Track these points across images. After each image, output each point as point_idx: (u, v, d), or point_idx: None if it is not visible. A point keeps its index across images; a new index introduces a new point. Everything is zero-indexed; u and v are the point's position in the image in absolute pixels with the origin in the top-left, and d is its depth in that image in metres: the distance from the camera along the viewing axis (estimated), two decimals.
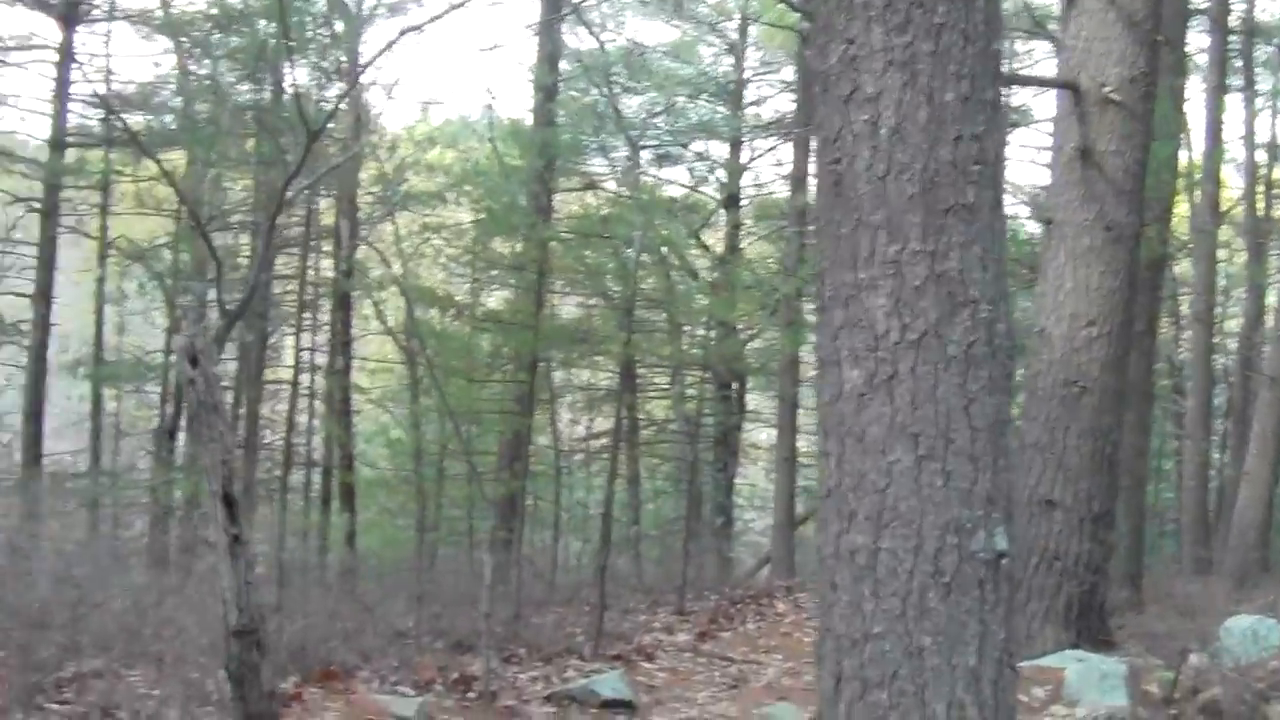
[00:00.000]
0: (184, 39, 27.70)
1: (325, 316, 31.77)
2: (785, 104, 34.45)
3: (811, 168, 30.54)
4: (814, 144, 29.77)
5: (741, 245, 32.80)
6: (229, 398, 27.92)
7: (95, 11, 29.75)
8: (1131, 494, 19.74)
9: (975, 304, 5.26)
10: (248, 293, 19.84)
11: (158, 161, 22.85)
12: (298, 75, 27.56)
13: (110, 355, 31.56)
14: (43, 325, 28.34)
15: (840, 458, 5.38)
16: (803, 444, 30.76)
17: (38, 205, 28.71)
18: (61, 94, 28.70)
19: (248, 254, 28.75)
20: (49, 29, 29.99)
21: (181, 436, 26.97)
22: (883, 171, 5.28)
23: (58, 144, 28.55)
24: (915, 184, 5.25)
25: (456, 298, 25.52)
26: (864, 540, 5.28)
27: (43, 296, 28.36)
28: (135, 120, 28.91)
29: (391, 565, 24.48)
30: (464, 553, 24.80)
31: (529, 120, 27.11)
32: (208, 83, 27.84)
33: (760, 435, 38.30)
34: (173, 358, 29.06)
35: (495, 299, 28.33)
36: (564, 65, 28.56)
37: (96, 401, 29.42)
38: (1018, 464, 12.12)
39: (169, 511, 26.89)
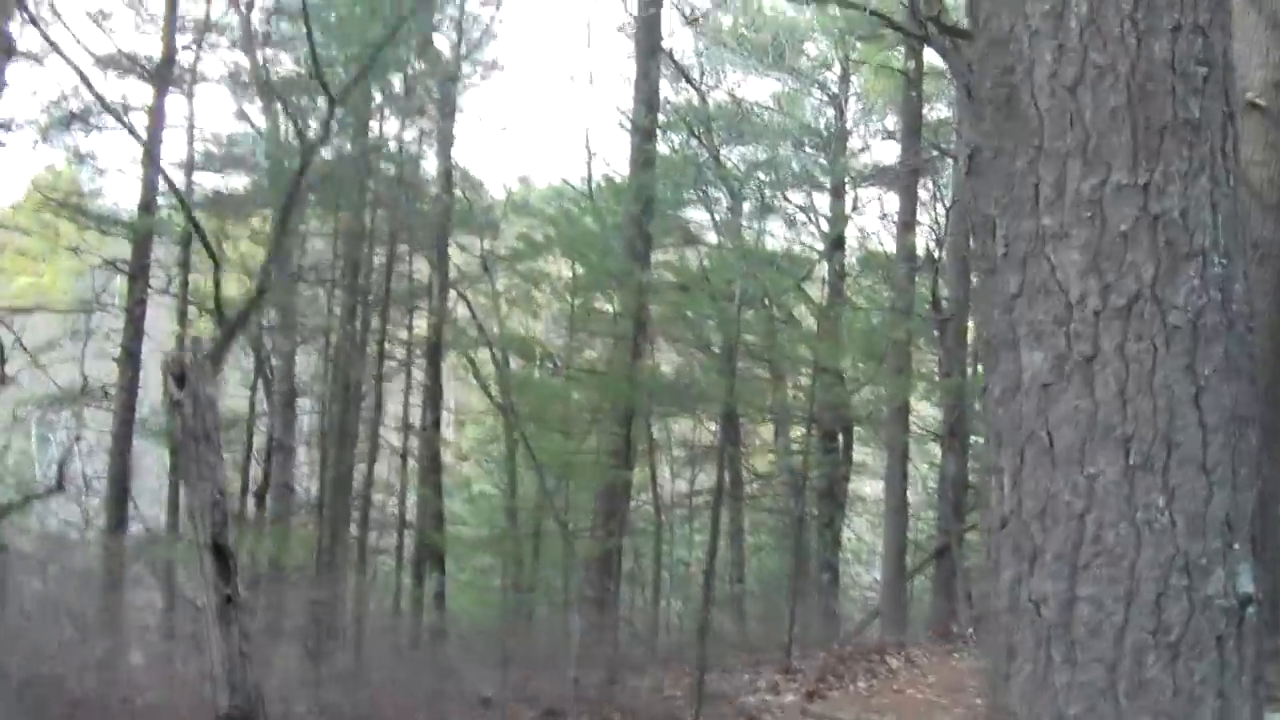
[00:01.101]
0: (274, 100, 26.47)
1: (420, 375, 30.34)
2: (887, 152, 33.94)
3: (922, 215, 29.46)
4: (929, 183, 28.74)
5: (846, 293, 31.07)
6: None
7: (185, 74, 28.68)
8: None
9: (1204, 256, 3.70)
10: (253, 296, 18.35)
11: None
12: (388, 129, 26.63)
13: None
14: (129, 388, 27.15)
15: (1018, 474, 3.83)
16: (912, 496, 29.73)
17: (124, 267, 27.52)
18: (151, 156, 27.59)
19: (328, 312, 27.44)
20: (140, 92, 28.77)
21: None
22: (1072, 79, 3.76)
23: (146, 206, 27.42)
24: (1118, 93, 3.71)
25: (552, 351, 24.24)
26: (1054, 587, 3.74)
27: (129, 359, 27.15)
28: (222, 181, 27.97)
29: (482, 628, 23.17)
30: (558, 614, 23.62)
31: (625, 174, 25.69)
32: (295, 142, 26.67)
33: (865, 488, 36.82)
34: (259, 419, 28.02)
35: (595, 353, 26.95)
36: (663, 118, 27.32)
37: (175, 465, 28.03)
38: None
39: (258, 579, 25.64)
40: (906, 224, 27.38)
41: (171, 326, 28.71)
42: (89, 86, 24.92)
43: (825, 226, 32.95)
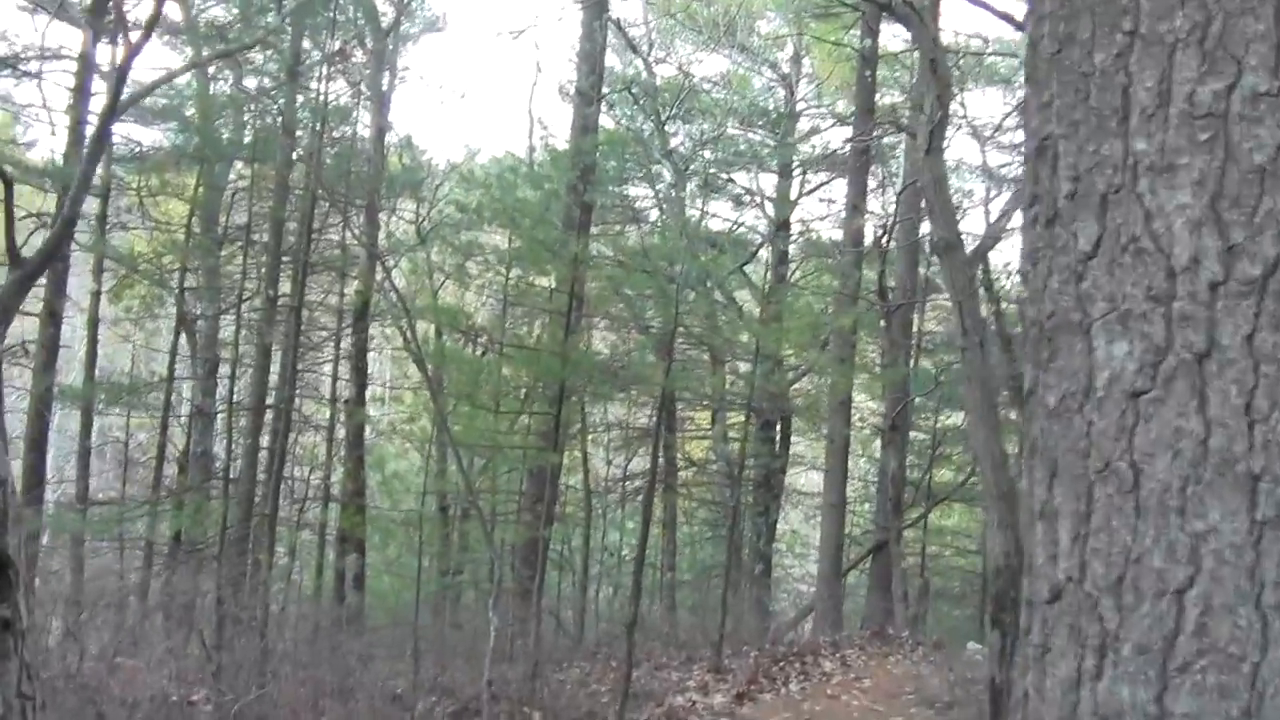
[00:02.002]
0: (205, 49, 24.96)
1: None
2: (837, 137, 32.64)
3: (871, 202, 28.37)
4: (879, 169, 27.66)
5: (789, 278, 30.13)
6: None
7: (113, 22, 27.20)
8: None
9: None
10: (54, 235, 16.87)
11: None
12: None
13: (120, 379, 29.03)
14: (50, 347, 25.69)
15: (1082, 523, 2.50)
16: (849, 490, 28.81)
17: (48, 220, 26.02)
18: (79, 105, 26.11)
19: (254, 277, 25.88)
20: (72, 38, 27.34)
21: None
22: None
23: (73, 158, 25.93)
24: None
25: (484, 326, 22.90)
26: (1134, 696, 2.39)
27: (50, 317, 25.69)
28: (152, 134, 26.63)
29: (401, 616, 21.97)
30: (482, 603, 22.48)
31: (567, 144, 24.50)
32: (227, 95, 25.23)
33: (801, 479, 35.86)
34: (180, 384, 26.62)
35: (530, 329, 25.67)
36: (608, 89, 26.11)
37: (86, 426, 26.58)
38: None
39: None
40: (855, 208, 26.24)
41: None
42: None
43: (770, 209, 32.18)
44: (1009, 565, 12.48)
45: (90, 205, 26.43)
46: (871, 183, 30.43)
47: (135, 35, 28.23)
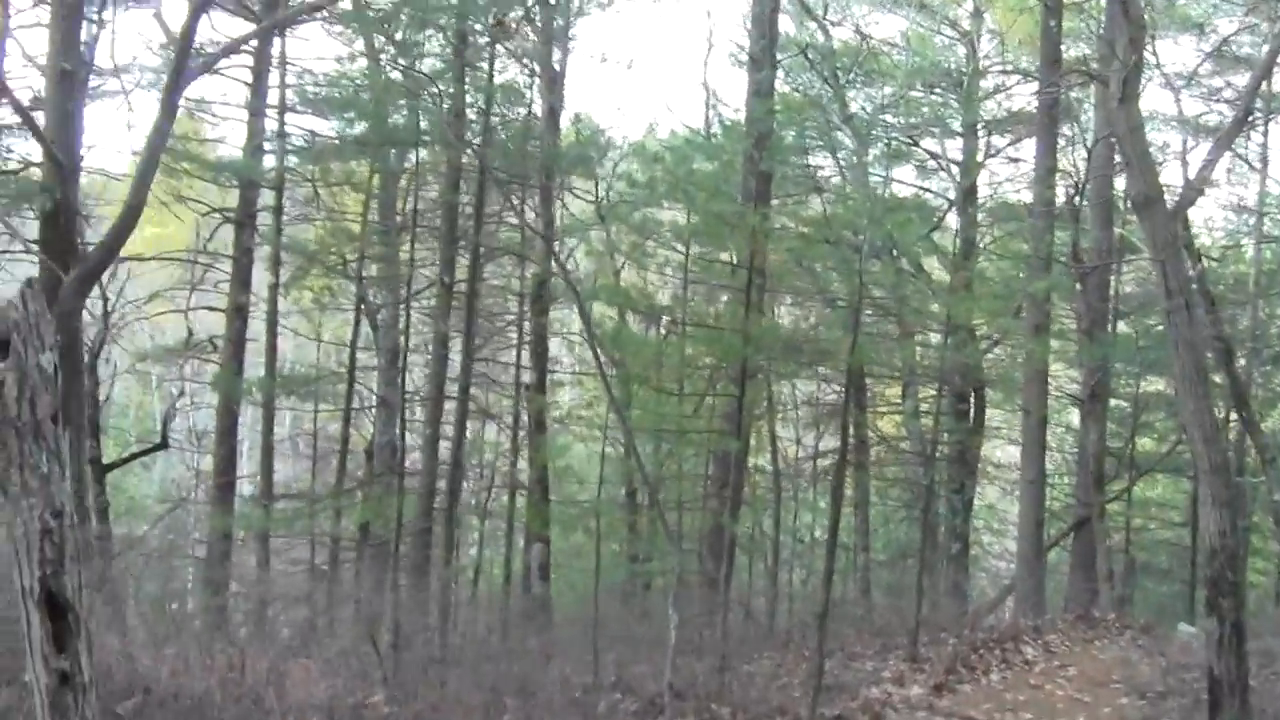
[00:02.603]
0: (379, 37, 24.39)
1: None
2: (1023, 96, 31.15)
3: (1062, 161, 26.96)
4: (1069, 127, 26.15)
5: (978, 245, 28.68)
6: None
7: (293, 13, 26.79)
8: None
9: None
10: (116, 227, 15.62)
11: None
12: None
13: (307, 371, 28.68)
14: (237, 341, 25.42)
15: None
16: (1048, 464, 26.98)
17: (231, 215, 25.69)
18: (257, 100, 25.75)
19: (435, 264, 25.22)
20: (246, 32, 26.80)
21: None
22: None
23: (253, 152, 25.56)
24: None
25: (664, 302, 22.01)
26: None
27: (236, 312, 25.36)
28: (326, 125, 26.62)
29: (585, 607, 21.22)
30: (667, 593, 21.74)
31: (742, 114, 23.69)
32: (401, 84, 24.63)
33: (996, 453, 34.57)
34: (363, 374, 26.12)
35: (711, 307, 24.69)
36: (784, 56, 24.93)
37: (269, 420, 26.14)
38: None
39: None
40: (1045, 166, 24.57)
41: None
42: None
43: (956, 173, 30.29)
44: (1225, 546, 11.74)
45: (265, 198, 26.07)
46: (1060, 141, 28.69)
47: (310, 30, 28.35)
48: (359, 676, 14.31)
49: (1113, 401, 28.13)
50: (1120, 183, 25.02)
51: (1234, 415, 24.88)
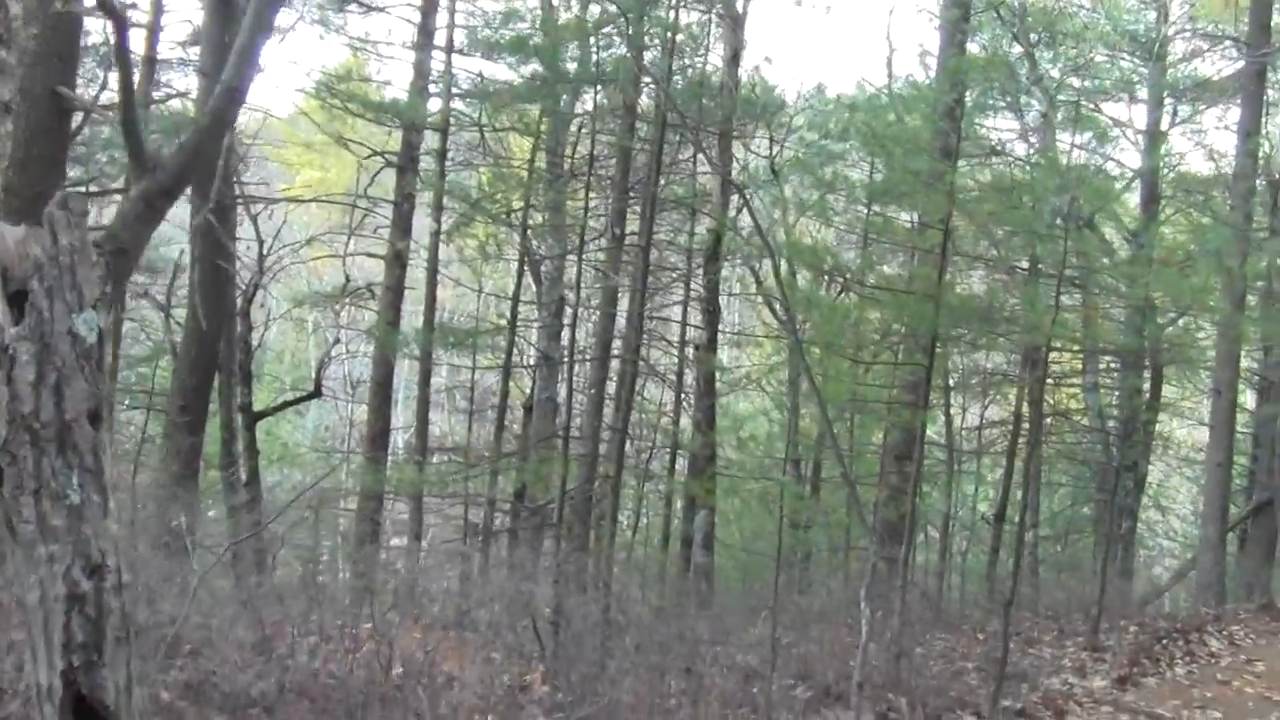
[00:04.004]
0: None
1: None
2: (1213, 64, 29.51)
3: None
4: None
5: (1162, 217, 27.24)
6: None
7: None
8: None
9: None
10: (207, 119, 10.96)
11: None
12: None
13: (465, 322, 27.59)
14: (395, 288, 24.33)
15: None
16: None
17: (394, 159, 24.56)
18: (424, 41, 24.62)
19: (605, 214, 23.81)
20: None
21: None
22: None
23: (418, 93, 24.40)
24: None
25: (845, 264, 20.55)
26: None
27: (396, 258, 24.28)
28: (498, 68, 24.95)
29: (753, 576, 20.02)
30: (835, 562, 20.42)
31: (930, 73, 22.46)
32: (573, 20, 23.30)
33: (1166, 428, 32.84)
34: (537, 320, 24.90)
35: (891, 270, 23.22)
36: (977, 13, 23.69)
37: (425, 374, 24.93)
38: None
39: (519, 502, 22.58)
40: (1249, 134, 23.02)
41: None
42: None
43: (1140, 141, 29.18)
44: None
45: (431, 141, 24.89)
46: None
47: None
48: (515, 653, 13.26)
49: None
50: None
51: None
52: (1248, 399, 28.24)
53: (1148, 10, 29.64)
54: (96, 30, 20.20)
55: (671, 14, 20.29)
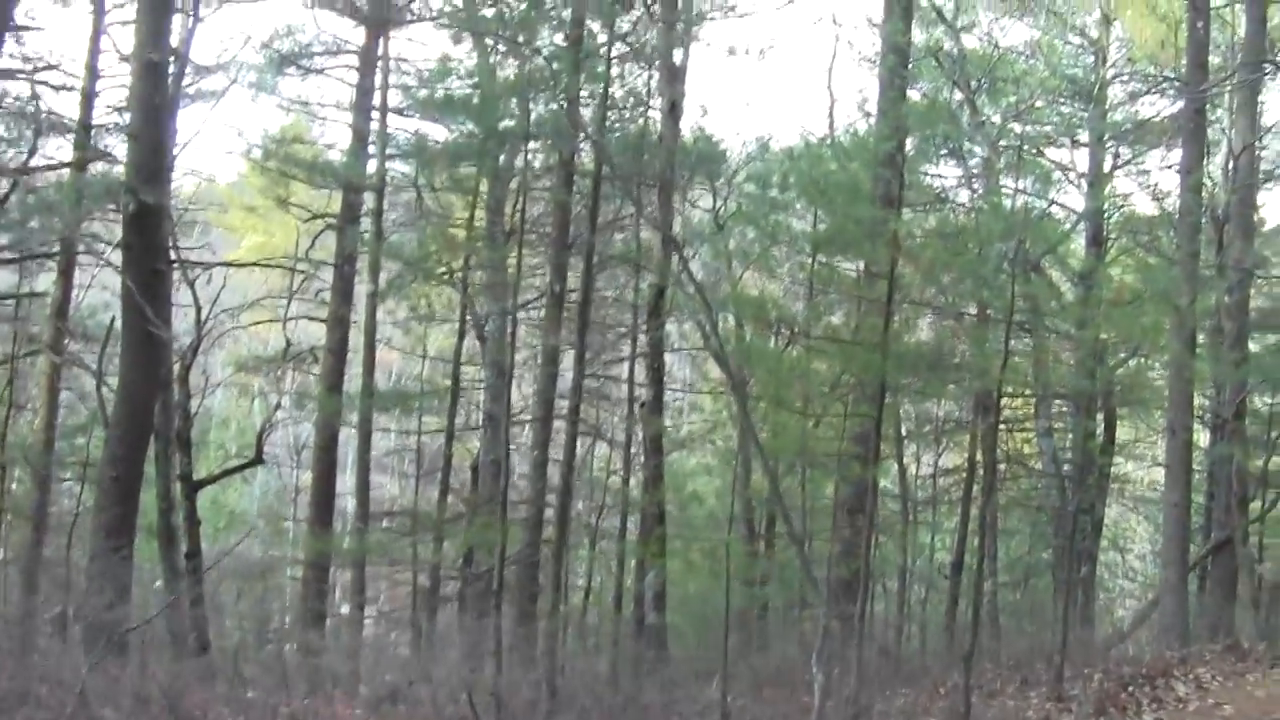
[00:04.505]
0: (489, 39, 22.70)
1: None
2: (1153, 106, 29.71)
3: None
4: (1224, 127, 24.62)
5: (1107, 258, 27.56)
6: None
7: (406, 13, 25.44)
8: None
9: None
10: None
11: None
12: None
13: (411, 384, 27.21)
14: (338, 353, 23.85)
15: None
16: None
17: (334, 221, 24.18)
18: (362, 102, 24.27)
19: (545, 272, 23.48)
20: (355, 34, 25.42)
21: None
22: None
23: (355, 155, 24.05)
24: None
25: (791, 315, 20.24)
26: None
27: (338, 322, 23.85)
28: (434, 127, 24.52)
29: (706, 636, 19.64)
30: (790, 618, 20.13)
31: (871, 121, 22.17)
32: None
33: (1120, 469, 32.72)
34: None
35: (836, 319, 22.92)
36: (916, 61, 24.08)
37: (365, 437, 24.42)
38: None
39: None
40: (1189, 173, 22.82)
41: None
42: None
43: (1082, 184, 28.99)
44: None
45: (371, 202, 24.53)
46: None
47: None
48: None
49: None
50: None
51: None
52: (1202, 438, 28.15)
53: (1086, 55, 29.78)
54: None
55: (607, 68, 20.04)
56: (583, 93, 19.91)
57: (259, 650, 16.29)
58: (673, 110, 22.42)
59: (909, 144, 20.54)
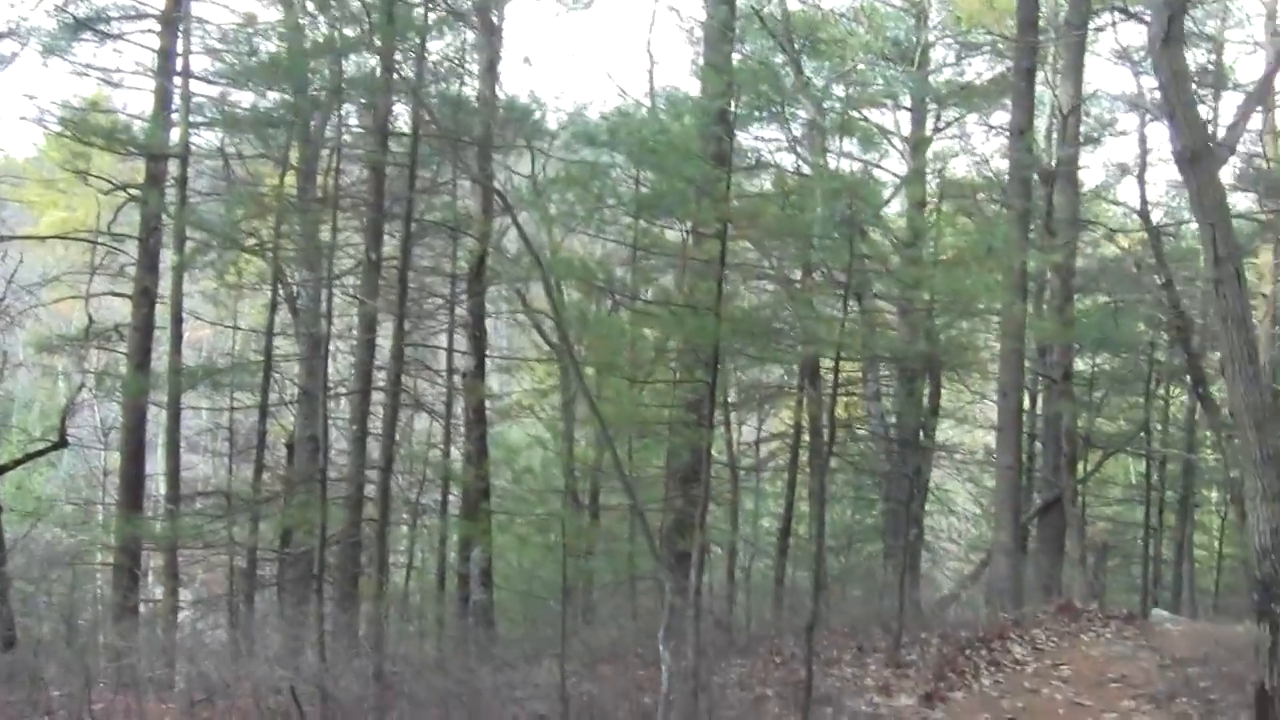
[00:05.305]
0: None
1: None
2: (975, 69, 30.46)
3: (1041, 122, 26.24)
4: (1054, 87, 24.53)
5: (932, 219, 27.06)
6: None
7: None
8: None
9: None
10: None
11: None
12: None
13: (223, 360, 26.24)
14: (144, 329, 22.75)
15: None
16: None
17: (138, 193, 23.08)
18: (165, 66, 23.16)
19: (359, 241, 22.73)
20: None
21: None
22: None
23: (159, 122, 22.92)
24: None
25: (616, 280, 19.64)
26: None
27: (143, 296, 22.75)
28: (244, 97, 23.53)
29: (535, 611, 19.08)
30: (621, 590, 20.31)
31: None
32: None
33: (949, 434, 33.80)
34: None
35: (662, 283, 22.36)
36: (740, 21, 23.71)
37: (174, 415, 23.35)
38: None
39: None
40: (1020, 133, 22.89)
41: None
42: None
43: (904, 148, 29.49)
44: (1277, 545, 10.41)
45: (171, 168, 23.42)
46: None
47: None
48: (281, 718, 12.03)
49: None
50: (1090, 154, 23.98)
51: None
52: (1036, 403, 28.36)
53: (908, 17, 29.60)
54: None
55: (425, 19, 19.30)
56: (396, 56, 19.17)
57: (67, 644, 15.33)
58: (491, 68, 21.80)
59: (734, 107, 20.22)
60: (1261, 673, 10.51)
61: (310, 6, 20.28)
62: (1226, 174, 21.89)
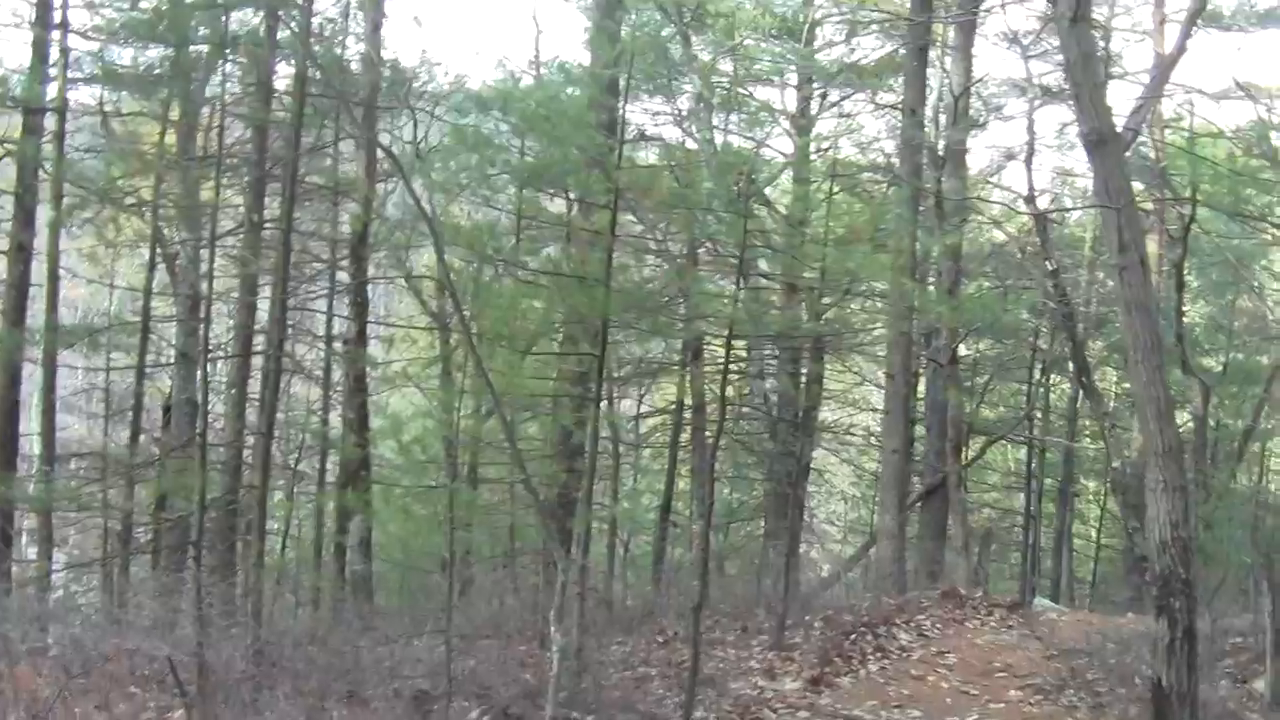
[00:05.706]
0: None
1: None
2: (864, 49, 30.00)
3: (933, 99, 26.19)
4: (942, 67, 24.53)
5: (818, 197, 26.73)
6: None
7: None
8: None
9: None
10: None
11: None
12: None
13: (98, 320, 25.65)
14: (20, 287, 22.14)
15: None
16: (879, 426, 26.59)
17: (13, 148, 22.43)
18: (43, 17, 22.53)
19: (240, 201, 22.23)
20: None
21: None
22: None
23: (36, 75, 22.29)
24: None
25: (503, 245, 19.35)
26: None
27: (19, 252, 22.12)
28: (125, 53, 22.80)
29: (415, 583, 18.85)
30: (501, 563, 20.35)
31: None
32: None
33: (830, 415, 33.26)
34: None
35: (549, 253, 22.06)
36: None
37: (50, 376, 22.80)
38: None
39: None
40: (913, 112, 23.01)
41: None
42: None
43: (792, 126, 29.01)
44: (1177, 539, 10.41)
45: (48, 123, 22.82)
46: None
47: None
48: (157, 686, 11.70)
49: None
50: (978, 136, 24.08)
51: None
52: (918, 387, 28.40)
53: None
54: None
55: None
56: (281, 13, 18.76)
57: None
58: (376, 29, 21.45)
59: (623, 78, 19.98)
60: (1159, 669, 10.48)
61: None
62: None
